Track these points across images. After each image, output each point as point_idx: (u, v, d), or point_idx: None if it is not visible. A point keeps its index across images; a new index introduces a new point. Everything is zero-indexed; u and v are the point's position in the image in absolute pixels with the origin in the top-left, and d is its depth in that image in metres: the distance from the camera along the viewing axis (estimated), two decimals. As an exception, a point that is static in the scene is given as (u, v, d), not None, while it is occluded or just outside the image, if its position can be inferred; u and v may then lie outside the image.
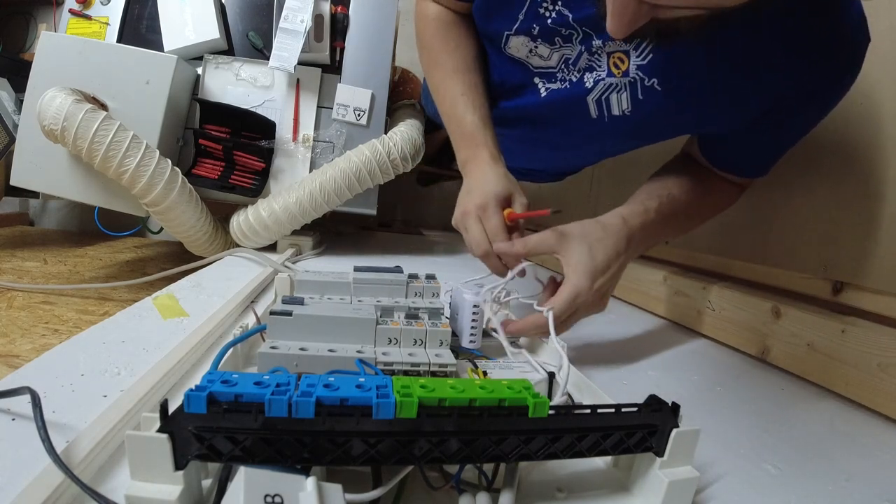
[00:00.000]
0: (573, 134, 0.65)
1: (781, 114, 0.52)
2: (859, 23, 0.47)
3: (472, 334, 0.45)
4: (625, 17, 0.36)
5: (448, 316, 0.48)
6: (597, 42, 0.54)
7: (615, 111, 0.57)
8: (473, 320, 0.45)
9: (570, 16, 0.54)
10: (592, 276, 0.46)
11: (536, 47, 0.59)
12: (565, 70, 0.59)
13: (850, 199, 0.58)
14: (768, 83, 0.49)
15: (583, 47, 0.56)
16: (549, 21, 0.55)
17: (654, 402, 0.28)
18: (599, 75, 0.56)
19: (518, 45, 0.60)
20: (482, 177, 0.56)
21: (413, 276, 0.52)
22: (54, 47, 0.84)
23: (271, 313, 0.38)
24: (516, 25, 0.58)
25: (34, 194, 1.19)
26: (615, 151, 0.76)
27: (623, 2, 0.36)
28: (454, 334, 0.47)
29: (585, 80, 0.57)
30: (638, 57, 0.53)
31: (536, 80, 0.62)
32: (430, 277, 0.53)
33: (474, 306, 0.44)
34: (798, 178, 0.64)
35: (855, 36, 0.47)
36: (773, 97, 0.50)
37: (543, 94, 0.62)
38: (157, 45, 0.95)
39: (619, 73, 0.54)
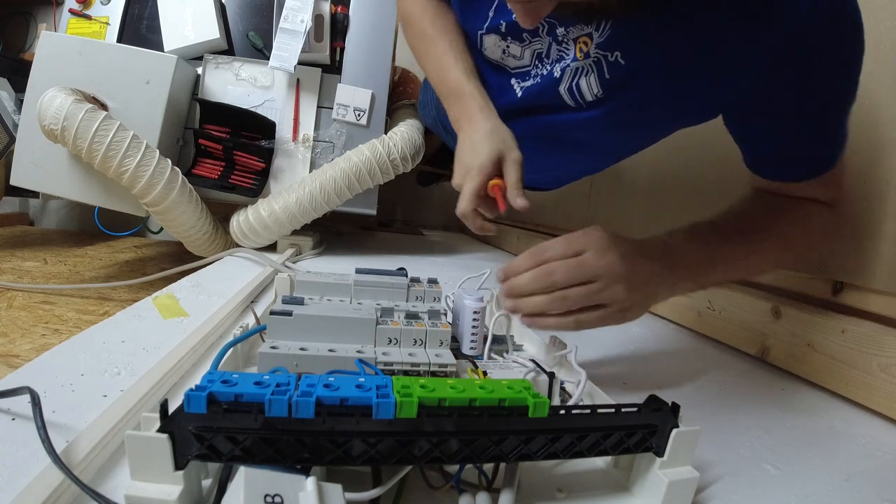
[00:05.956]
0: (555, 132, 0.64)
1: (784, 89, 0.46)
2: None
3: (472, 340, 0.45)
4: (526, 11, 0.38)
5: (450, 318, 0.48)
6: (560, 30, 0.54)
7: (588, 97, 0.56)
8: (474, 327, 0.45)
9: None
10: (610, 248, 0.40)
11: (508, 46, 0.59)
12: (539, 65, 0.59)
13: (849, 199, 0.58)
14: (743, 48, 0.45)
15: (551, 38, 0.56)
16: (514, 16, 0.55)
17: (654, 402, 0.28)
18: (566, 63, 0.55)
19: (492, 46, 0.61)
20: (471, 141, 0.53)
21: (415, 280, 0.51)
22: (54, 47, 0.84)
23: (271, 313, 0.38)
24: (487, 23, 0.59)
25: (34, 194, 1.19)
26: (610, 150, 0.71)
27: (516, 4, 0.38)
28: (455, 339, 0.47)
29: (555, 70, 0.57)
30: (599, 36, 0.52)
31: (513, 81, 0.63)
32: (432, 282, 0.52)
33: (475, 312, 0.44)
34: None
35: None
36: (757, 65, 0.45)
37: (519, 93, 0.62)
38: (157, 45, 0.95)
39: (582, 57, 0.54)
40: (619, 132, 0.62)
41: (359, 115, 0.97)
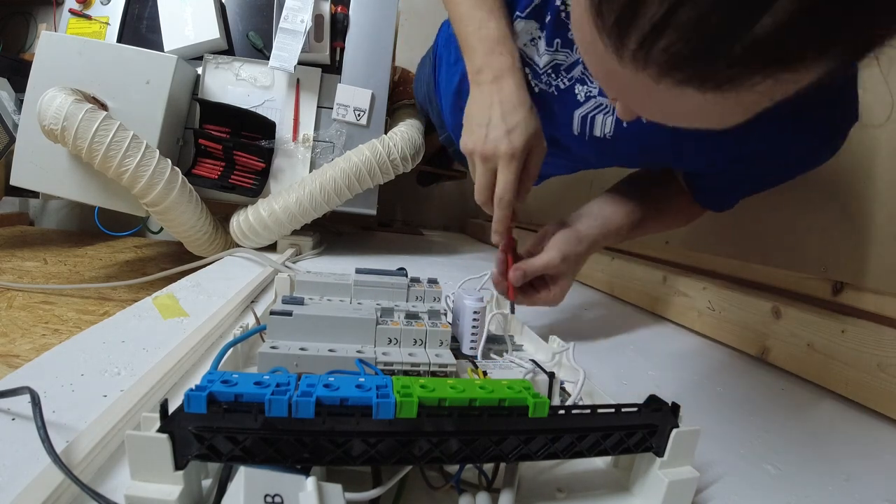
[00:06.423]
0: (551, 142, 0.62)
1: (756, 165, 0.52)
2: (851, 104, 0.46)
3: (472, 341, 0.45)
4: (628, 113, 0.37)
5: (450, 318, 0.48)
6: None
7: (597, 132, 0.56)
8: (474, 327, 0.45)
9: None
10: (566, 291, 0.55)
11: (536, 40, 0.56)
12: (552, 76, 0.56)
13: (849, 199, 0.58)
14: (749, 136, 0.49)
15: (579, 56, 0.54)
16: (563, 14, 0.52)
17: (654, 402, 0.28)
18: (591, 91, 0.54)
19: (522, 32, 0.56)
20: (502, 109, 0.49)
21: (415, 280, 0.51)
22: (54, 47, 0.84)
23: (271, 313, 0.38)
24: (534, 4, 0.53)
25: (34, 194, 1.19)
26: (591, 167, 0.73)
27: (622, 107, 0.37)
28: (455, 339, 0.47)
29: (577, 91, 0.55)
30: None
31: (527, 69, 0.58)
32: (432, 282, 0.52)
33: (475, 312, 0.44)
34: (797, 178, 0.64)
35: (843, 117, 0.47)
36: (752, 148, 0.50)
37: (536, 90, 0.59)
38: (157, 45, 0.95)
39: None
40: (610, 162, 0.65)
41: (359, 115, 0.97)
